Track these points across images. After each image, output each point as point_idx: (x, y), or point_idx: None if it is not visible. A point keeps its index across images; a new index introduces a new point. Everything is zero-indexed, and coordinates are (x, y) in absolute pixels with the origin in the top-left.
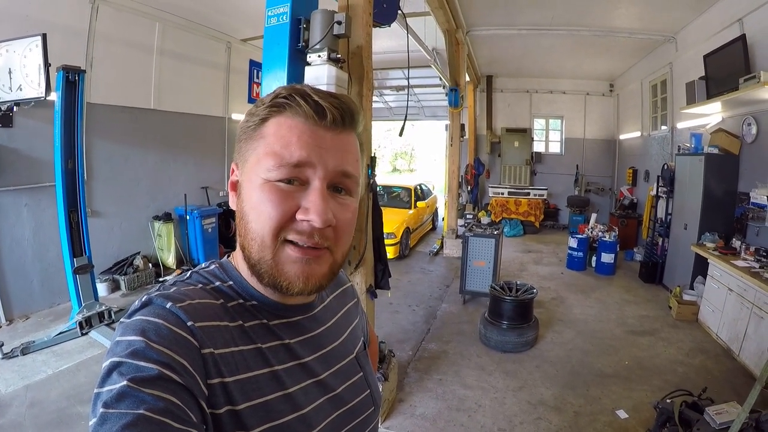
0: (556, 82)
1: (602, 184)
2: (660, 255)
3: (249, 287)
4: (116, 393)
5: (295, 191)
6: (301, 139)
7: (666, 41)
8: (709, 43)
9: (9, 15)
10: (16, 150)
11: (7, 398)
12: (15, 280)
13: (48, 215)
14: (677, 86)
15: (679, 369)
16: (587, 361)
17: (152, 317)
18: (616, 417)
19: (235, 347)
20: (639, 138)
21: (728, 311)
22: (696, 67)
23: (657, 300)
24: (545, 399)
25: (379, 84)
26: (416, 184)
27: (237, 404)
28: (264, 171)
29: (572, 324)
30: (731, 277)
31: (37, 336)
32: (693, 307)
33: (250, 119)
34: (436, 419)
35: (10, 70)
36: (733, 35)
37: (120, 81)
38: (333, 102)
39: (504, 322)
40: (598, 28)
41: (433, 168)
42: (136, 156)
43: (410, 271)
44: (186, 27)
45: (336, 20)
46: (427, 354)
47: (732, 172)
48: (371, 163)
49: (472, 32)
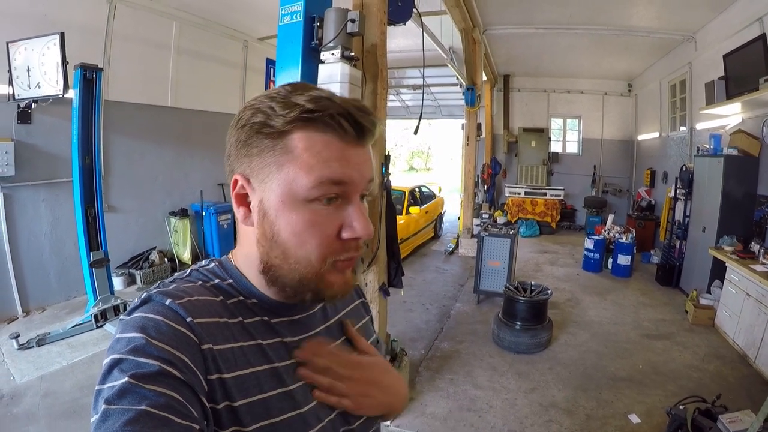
0: (574, 81)
1: (620, 185)
2: (677, 258)
3: (249, 285)
4: (118, 389)
5: (335, 209)
6: (342, 156)
7: (685, 40)
8: (729, 43)
9: (27, 15)
10: (35, 146)
11: (21, 388)
12: (32, 272)
13: (65, 210)
14: (696, 86)
15: (694, 374)
16: (601, 364)
17: (152, 314)
18: (629, 421)
19: (235, 343)
20: (657, 139)
21: (745, 316)
22: (716, 67)
23: (673, 303)
24: (557, 401)
25: (396, 83)
26: (413, 187)
27: (234, 400)
28: (302, 189)
29: (587, 326)
30: (749, 282)
31: (52, 328)
32: (709, 312)
33: (262, 129)
34: (446, 418)
35: (28, 68)
36: (753, 35)
37: (137, 79)
38: (368, 120)
39: (517, 322)
40: (616, 27)
41: (449, 167)
42: (153, 153)
43: (425, 270)
44: (203, 26)
45: (349, 18)
46: (440, 353)
47: (751, 175)
48: (385, 161)
49: (488, 31)
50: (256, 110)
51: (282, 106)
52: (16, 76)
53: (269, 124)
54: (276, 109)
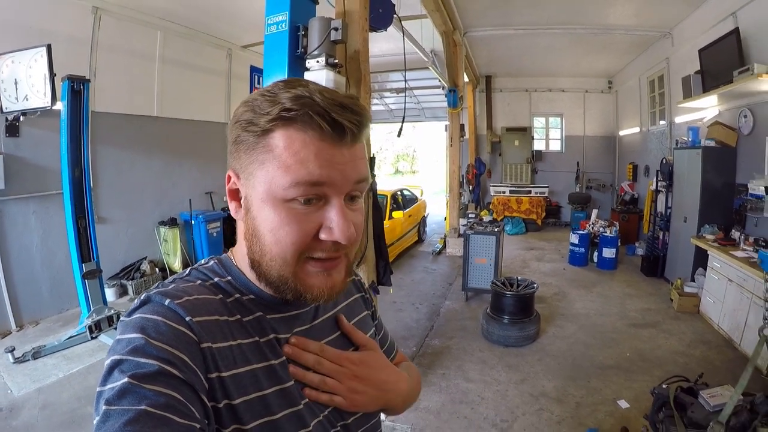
0: (555, 80)
1: (603, 180)
2: (661, 249)
3: (248, 282)
4: (118, 390)
5: (314, 210)
6: (318, 156)
7: (662, 37)
8: (705, 38)
9: (12, 26)
10: (23, 159)
11: (19, 401)
12: (24, 286)
13: (55, 222)
14: (674, 81)
15: (680, 359)
16: (589, 353)
17: (151, 314)
18: (618, 407)
19: (233, 341)
20: (638, 134)
21: (729, 302)
22: (692, 62)
23: (659, 293)
24: (547, 391)
25: (380, 87)
26: (395, 190)
27: (233, 398)
28: (278, 189)
29: (574, 318)
30: (731, 268)
31: (47, 341)
32: (694, 299)
33: (248, 127)
34: (440, 412)
35: (15, 81)
36: (727, 29)
37: (123, 89)
38: (351, 118)
39: (505, 316)
40: (594, 26)
41: (435, 169)
42: (141, 163)
43: (413, 271)
44: (187, 35)
45: (333, 27)
46: (431, 350)
47: (730, 164)
48: (371, 163)
49: (469, 33)
50: (248, 107)
51: (269, 103)
52: (4, 89)
53: (254, 122)
54: (263, 107)
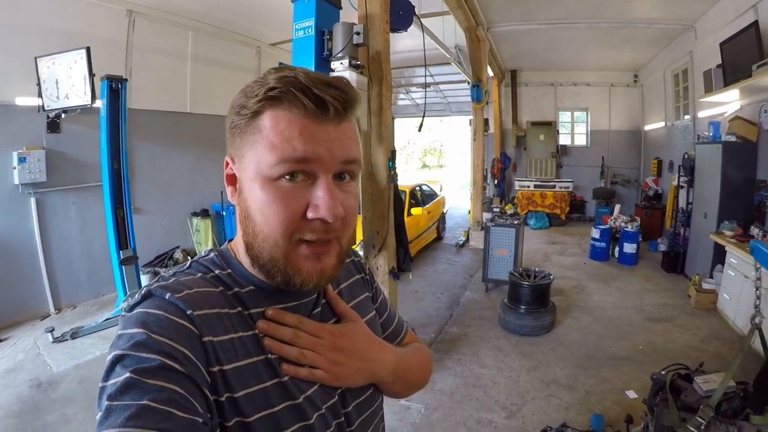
0: (580, 74)
1: (628, 175)
2: (682, 244)
3: (248, 274)
4: (120, 385)
5: (301, 187)
6: (303, 133)
7: (685, 30)
8: (726, 31)
9: (53, 31)
10: (64, 153)
11: (58, 376)
12: (63, 272)
13: (93, 212)
14: (698, 75)
15: (693, 354)
16: (602, 344)
17: (152, 309)
18: (626, 396)
19: (234, 334)
20: (663, 128)
21: (745, 298)
22: (715, 55)
23: (677, 289)
24: (558, 378)
25: (406, 81)
26: (414, 186)
27: (235, 391)
28: (266, 168)
29: (590, 311)
30: (748, 265)
31: (85, 322)
32: (711, 296)
33: (241, 111)
34: (453, 393)
35: (56, 81)
36: (747, 22)
37: (158, 87)
38: (334, 94)
39: (522, 306)
40: (617, 20)
41: (462, 163)
42: (175, 156)
43: (436, 262)
44: (217, 34)
45: (355, 31)
46: (449, 337)
47: (750, 160)
48: (392, 157)
49: (492, 28)
50: (242, 93)
51: (259, 86)
52: (45, 88)
53: (246, 105)
54: (254, 90)
